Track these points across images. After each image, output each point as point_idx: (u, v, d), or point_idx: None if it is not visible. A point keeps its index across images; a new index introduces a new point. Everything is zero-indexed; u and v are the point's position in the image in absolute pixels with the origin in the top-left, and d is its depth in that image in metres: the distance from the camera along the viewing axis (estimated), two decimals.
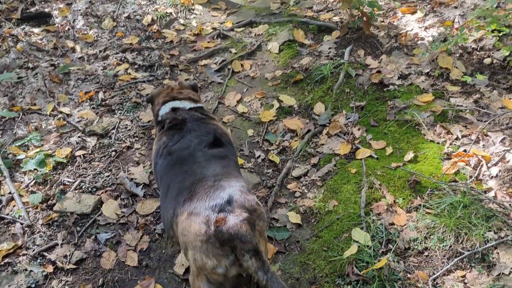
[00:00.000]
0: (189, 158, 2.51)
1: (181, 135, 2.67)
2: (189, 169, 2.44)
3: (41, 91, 4.59)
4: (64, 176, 3.59)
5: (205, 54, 5.15)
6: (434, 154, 3.36)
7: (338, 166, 3.53)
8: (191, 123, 2.74)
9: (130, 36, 5.43)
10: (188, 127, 2.71)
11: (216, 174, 2.36)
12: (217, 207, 2.12)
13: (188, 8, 6.04)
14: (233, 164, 2.62)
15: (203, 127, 2.73)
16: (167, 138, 2.71)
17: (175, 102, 2.92)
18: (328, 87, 4.29)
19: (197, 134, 2.66)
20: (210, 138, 2.64)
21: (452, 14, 4.80)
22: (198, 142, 2.60)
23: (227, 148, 2.69)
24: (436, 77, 4.09)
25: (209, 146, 2.59)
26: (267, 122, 4.13)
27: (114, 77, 4.77)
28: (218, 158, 2.53)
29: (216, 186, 2.25)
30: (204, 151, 2.55)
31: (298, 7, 5.76)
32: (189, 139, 2.63)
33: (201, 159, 2.49)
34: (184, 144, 2.61)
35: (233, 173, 2.47)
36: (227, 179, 2.33)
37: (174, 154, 2.59)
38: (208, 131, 2.70)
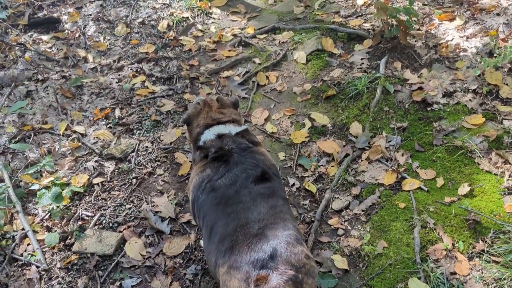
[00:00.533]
0: (234, 197, 2.30)
1: (226, 168, 2.44)
2: (233, 210, 2.24)
3: (53, 107, 4.26)
4: (82, 209, 3.27)
5: (227, 65, 4.80)
6: (492, 187, 3.03)
7: (383, 199, 3.20)
8: (238, 154, 2.50)
9: (145, 44, 5.08)
10: (235, 159, 2.47)
11: (261, 219, 2.16)
12: (259, 262, 1.92)
13: (206, 12, 5.67)
14: (281, 202, 2.36)
15: (250, 158, 2.49)
16: (212, 171, 2.47)
17: (220, 127, 2.63)
18: (364, 104, 3.95)
19: (244, 168, 2.43)
20: (257, 172, 2.41)
21: (495, 22, 4.43)
22: (245, 177, 2.38)
23: (275, 182, 2.47)
24: (484, 95, 3.74)
25: (256, 182, 2.37)
26: (299, 144, 3.80)
27: (131, 91, 4.43)
28: (265, 197, 2.31)
29: (260, 236, 2.04)
30: (250, 188, 2.33)
31: (323, 12, 5.39)
32: (236, 174, 2.40)
33: (246, 198, 2.28)
34: (230, 180, 2.39)
35: (280, 216, 2.23)
36: (272, 226, 2.11)
37: (218, 191, 2.37)
38: (256, 164, 2.46)
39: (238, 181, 2.36)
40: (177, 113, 4.22)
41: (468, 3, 4.83)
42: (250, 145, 2.59)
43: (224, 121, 2.67)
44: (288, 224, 2.16)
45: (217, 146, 2.54)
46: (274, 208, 2.25)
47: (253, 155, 2.52)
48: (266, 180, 2.41)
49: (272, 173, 2.50)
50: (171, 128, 4.02)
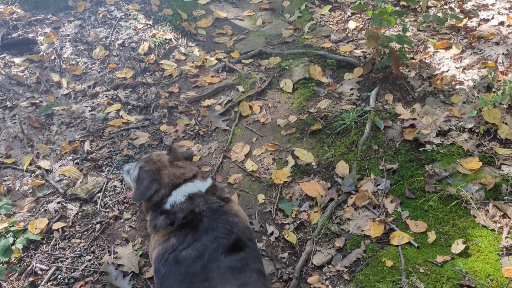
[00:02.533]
0: (201, 274, 2.02)
1: (194, 236, 2.14)
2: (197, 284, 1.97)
3: (19, 138, 3.97)
4: (37, 261, 2.97)
5: (209, 93, 4.51)
6: (489, 246, 2.73)
7: (369, 254, 2.90)
8: (209, 217, 2.22)
9: (123, 68, 4.79)
10: (205, 224, 2.18)
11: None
12: None
13: (190, 33, 5.40)
14: (254, 277, 2.07)
15: (223, 223, 2.21)
16: (177, 240, 2.15)
17: (189, 186, 2.32)
18: (352, 141, 3.66)
19: (215, 236, 2.14)
20: (229, 241, 2.14)
21: (494, 52, 4.15)
22: (215, 247, 2.10)
23: (249, 250, 2.19)
24: (481, 134, 3.45)
25: (226, 253, 2.09)
26: (280, 185, 3.50)
27: (104, 121, 4.14)
28: (236, 272, 2.03)
29: None
30: (220, 261, 2.06)
31: (313, 35, 5.12)
32: (204, 244, 2.11)
33: (214, 275, 2.00)
34: (198, 251, 2.09)
35: None
36: None
37: (183, 265, 2.07)
38: (229, 230, 2.19)
39: (206, 253, 2.08)
40: (151, 147, 3.92)
41: (466, 30, 4.56)
42: (221, 204, 2.31)
43: (190, 177, 2.38)
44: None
45: (187, 209, 2.24)
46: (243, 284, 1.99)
47: (226, 218, 2.24)
48: (239, 249, 2.13)
49: (247, 238, 2.23)
50: None
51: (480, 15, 4.70)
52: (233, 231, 2.19)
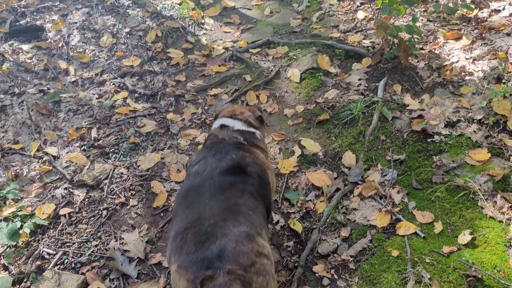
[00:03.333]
0: (196, 188, 2.25)
1: (205, 155, 2.43)
2: (190, 204, 2.18)
3: (26, 124, 3.98)
4: (44, 246, 2.99)
5: (216, 82, 4.50)
6: (496, 237, 2.71)
7: (375, 243, 2.89)
8: (224, 145, 2.48)
9: (131, 56, 4.79)
10: (219, 149, 2.45)
11: (212, 214, 2.06)
12: (205, 262, 1.85)
13: (198, 22, 5.38)
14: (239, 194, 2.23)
15: (232, 152, 2.43)
16: (197, 156, 2.49)
17: (227, 120, 2.69)
18: (359, 131, 3.64)
19: (219, 158, 2.38)
20: (228, 164, 2.34)
21: (505, 43, 4.09)
22: (215, 167, 2.32)
23: (246, 178, 2.35)
24: (490, 126, 3.42)
25: (223, 173, 2.29)
26: (287, 174, 3.49)
27: (111, 108, 4.15)
28: (223, 189, 2.22)
29: (208, 234, 1.96)
30: (214, 179, 2.26)
31: (321, 25, 5.08)
32: (209, 162, 2.36)
33: (205, 190, 2.21)
34: (201, 168, 2.35)
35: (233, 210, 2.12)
36: (223, 223, 2.01)
37: (189, 179, 2.36)
38: (233, 158, 2.39)
39: (206, 170, 2.31)
40: (157, 135, 3.92)
41: (476, 20, 4.50)
42: (243, 143, 2.56)
43: (236, 117, 2.71)
44: (241, 219, 2.06)
45: (215, 135, 2.59)
46: (227, 201, 2.15)
47: (238, 151, 2.45)
48: (235, 174, 2.31)
49: (250, 170, 2.39)
50: (150, 152, 3.72)
51: (491, 6, 4.63)
52: (236, 159, 2.37)
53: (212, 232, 1.96)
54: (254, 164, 2.44)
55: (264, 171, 2.50)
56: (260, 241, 2.02)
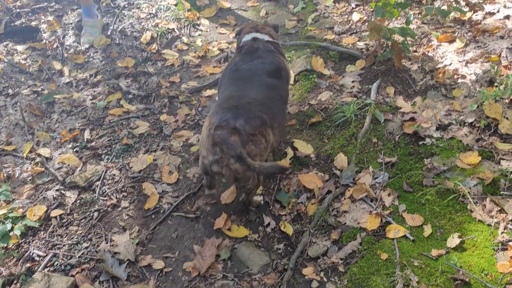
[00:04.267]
0: (247, 79, 3.06)
1: (251, 59, 3.20)
2: (241, 86, 3.01)
3: (20, 126, 3.99)
4: (34, 247, 2.99)
5: (210, 83, 4.51)
6: (485, 240, 2.72)
7: (365, 246, 2.89)
8: (262, 51, 3.27)
9: (125, 58, 4.79)
10: (259, 54, 3.24)
11: (253, 98, 2.86)
12: (225, 117, 2.63)
13: (193, 24, 5.38)
14: (278, 97, 3.08)
15: (271, 57, 3.23)
16: (240, 59, 3.26)
17: (257, 34, 3.44)
18: (351, 133, 3.64)
19: (263, 61, 3.17)
20: (272, 68, 3.14)
21: (499, 46, 4.10)
22: (262, 67, 3.11)
23: (281, 82, 3.18)
24: (482, 129, 3.43)
25: (267, 75, 3.09)
26: (279, 176, 3.50)
27: (104, 109, 4.16)
28: (268, 88, 3.03)
29: (242, 105, 2.75)
30: (261, 77, 3.07)
31: (316, 27, 5.09)
32: (256, 64, 3.15)
33: (253, 82, 3.02)
34: (250, 66, 3.14)
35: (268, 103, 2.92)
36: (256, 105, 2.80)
37: (239, 72, 3.15)
38: (273, 62, 3.19)
39: (255, 69, 3.11)
40: (150, 136, 3.93)
41: (470, 23, 4.51)
42: (275, 51, 3.35)
43: (262, 32, 3.47)
44: (269, 112, 2.84)
45: (250, 44, 3.34)
46: (267, 98, 2.95)
47: (273, 56, 3.25)
48: (276, 78, 3.12)
49: (283, 75, 3.21)
50: (142, 153, 3.73)
51: (485, 9, 4.64)
52: (275, 63, 3.20)
53: (244, 104, 2.76)
54: (284, 69, 3.27)
55: (289, 75, 3.36)
56: (269, 131, 2.80)
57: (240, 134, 2.57)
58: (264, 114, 2.75)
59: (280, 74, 3.15)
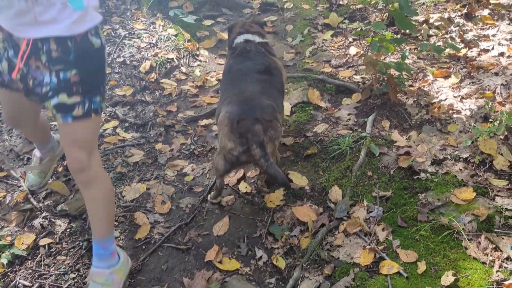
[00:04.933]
0: (241, 78, 3.36)
1: (243, 61, 3.49)
2: (237, 85, 3.30)
3: (14, 152, 3.97)
4: (21, 277, 2.93)
5: (207, 112, 4.53)
6: (479, 279, 2.66)
7: (358, 282, 2.83)
8: (254, 54, 3.54)
9: (124, 86, 4.83)
10: (250, 56, 3.51)
11: (252, 91, 3.18)
12: (243, 111, 2.98)
13: (193, 54, 5.45)
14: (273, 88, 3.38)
15: (261, 59, 3.50)
16: (233, 61, 3.55)
17: (248, 35, 3.70)
18: (346, 166, 3.63)
19: (254, 63, 3.44)
20: (262, 67, 3.41)
21: (493, 82, 4.14)
22: (252, 68, 3.40)
23: (273, 78, 3.45)
24: (476, 164, 3.41)
25: (258, 73, 3.37)
26: (273, 208, 3.46)
27: (100, 137, 4.15)
28: (260, 82, 3.31)
29: (249, 99, 3.11)
30: (253, 75, 3.35)
31: (314, 60, 5.15)
32: (247, 65, 3.43)
33: (247, 80, 3.31)
34: (242, 67, 3.43)
35: (266, 93, 3.24)
36: (259, 96, 3.15)
37: (232, 73, 3.45)
38: (263, 63, 3.46)
39: (245, 69, 3.40)
40: (145, 165, 3.91)
41: (465, 59, 4.57)
42: (265, 52, 3.64)
43: (252, 32, 3.73)
44: (270, 98, 3.19)
45: (242, 47, 3.60)
46: (263, 88, 3.26)
47: (264, 58, 3.53)
48: (267, 74, 3.40)
49: (274, 72, 3.48)
50: (135, 182, 3.71)
51: (480, 45, 4.71)
52: (265, 64, 3.45)
53: (251, 98, 3.10)
54: (275, 68, 3.54)
55: (281, 73, 3.61)
56: (279, 115, 3.18)
57: (261, 123, 2.93)
58: (270, 101, 3.14)
59: (271, 72, 3.45)
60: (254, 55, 3.50)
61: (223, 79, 3.54)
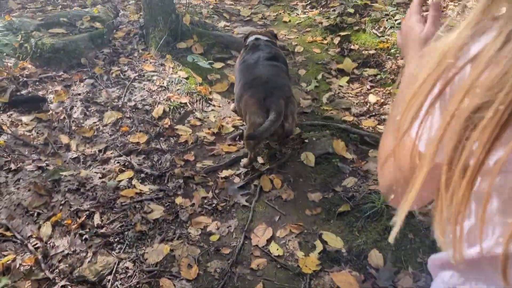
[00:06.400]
0: (254, 65, 4.03)
1: (254, 52, 4.23)
2: (252, 71, 3.95)
3: (22, 206, 3.65)
4: None
5: (226, 162, 4.29)
6: None
7: None
8: (263, 46, 4.28)
9: (136, 132, 4.58)
10: (260, 48, 4.25)
11: (268, 75, 3.86)
12: (266, 91, 3.69)
13: (205, 98, 5.25)
14: (282, 71, 4.13)
15: (269, 50, 4.25)
16: (246, 53, 4.30)
17: (259, 35, 4.53)
18: (384, 227, 3.42)
19: (263, 52, 4.18)
20: (270, 55, 4.14)
21: None
22: (262, 56, 4.11)
23: (280, 63, 4.19)
24: None
25: (267, 59, 4.09)
26: (309, 274, 3.20)
27: (115, 190, 3.86)
28: (272, 66, 4.02)
29: (267, 81, 3.78)
30: (264, 62, 4.04)
31: (332, 107, 5.01)
32: (258, 54, 4.15)
33: (260, 66, 3.99)
34: (254, 57, 4.14)
35: (280, 75, 3.98)
36: (275, 78, 3.85)
37: (246, 62, 4.14)
38: (270, 51, 4.22)
39: (257, 58, 4.12)
40: (166, 222, 3.63)
41: None
42: (272, 46, 4.39)
43: (263, 34, 4.59)
44: (284, 80, 3.98)
45: (253, 43, 4.38)
46: (274, 72, 3.97)
47: (271, 49, 4.29)
48: (275, 60, 4.16)
49: (280, 60, 4.26)
50: (157, 242, 3.41)
51: None
52: (273, 52, 4.24)
53: (269, 80, 3.79)
54: (280, 56, 4.33)
55: (285, 60, 4.42)
56: (293, 91, 4.03)
57: (283, 98, 3.66)
58: (285, 81, 3.97)
59: (278, 59, 4.19)
60: (263, 47, 4.26)
61: (238, 69, 4.19)
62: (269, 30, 5.07)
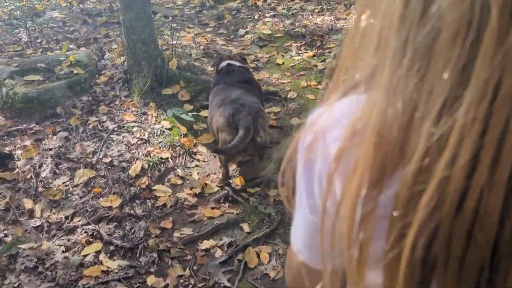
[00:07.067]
0: (226, 88, 4.23)
1: (227, 76, 4.44)
2: (224, 93, 4.15)
3: None
4: None
5: (207, 231, 3.83)
6: None
7: None
8: (236, 72, 4.48)
9: (110, 194, 4.13)
10: (234, 73, 4.46)
11: (238, 94, 4.04)
12: (235, 108, 3.81)
13: (190, 152, 4.83)
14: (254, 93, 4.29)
15: (242, 75, 4.47)
16: (219, 78, 4.50)
17: (231, 61, 4.65)
18: None
19: (236, 77, 4.40)
20: (243, 79, 4.39)
21: None
22: (235, 80, 4.34)
23: (253, 87, 4.39)
24: None
25: (240, 82, 4.32)
26: None
27: (78, 268, 3.39)
28: (243, 88, 4.21)
29: (236, 100, 3.94)
30: (236, 85, 4.24)
31: None
32: (231, 79, 4.37)
33: (232, 88, 4.20)
34: (227, 81, 4.37)
35: (249, 94, 4.16)
36: (244, 97, 4.03)
37: (220, 85, 4.36)
38: (244, 76, 4.45)
39: (229, 82, 4.32)
40: None
41: None
42: (245, 71, 4.59)
43: (235, 59, 4.72)
44: (253, 97, 4.12)
45: (226, 68, 4.54)
46: (246, 91, 4.20)
47: (245, 73, 4.55)
48: (248, 83, 4.36)
49: (253, 84, 4.47)
50: None
51: None
52: (246, 77, 4.44)
53: (238, 98, 3.94)
54: (254, 80, 4.57)
55: (259, 84, 4.66)
56: (262, 108, 4.09)
57: (251, 114, 3.74)
58: (254, 99, 4.05)
59: (251, 83, 4.39)
60: (236, 73, 4.41)
61: (211, 93, 4.37)
62: (239, 53, 5.51)
